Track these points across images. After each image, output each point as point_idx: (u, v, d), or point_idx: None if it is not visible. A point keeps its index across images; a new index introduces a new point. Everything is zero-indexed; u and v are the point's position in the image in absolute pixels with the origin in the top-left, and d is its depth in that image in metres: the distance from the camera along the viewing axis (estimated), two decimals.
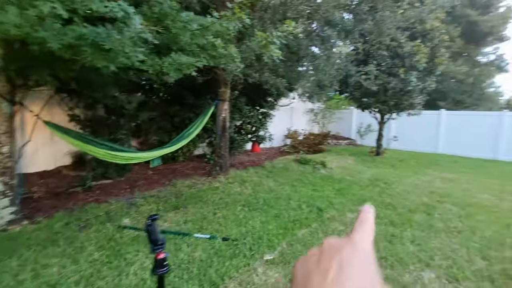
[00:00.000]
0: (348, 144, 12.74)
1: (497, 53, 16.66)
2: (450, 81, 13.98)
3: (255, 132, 8.59)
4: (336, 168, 6.96)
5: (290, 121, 11.99)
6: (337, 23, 4.58)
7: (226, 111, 5.32)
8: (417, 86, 7.42)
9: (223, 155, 5.54)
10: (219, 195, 4.48)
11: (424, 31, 7.28)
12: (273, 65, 4.67)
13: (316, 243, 2.85)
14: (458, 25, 14.38)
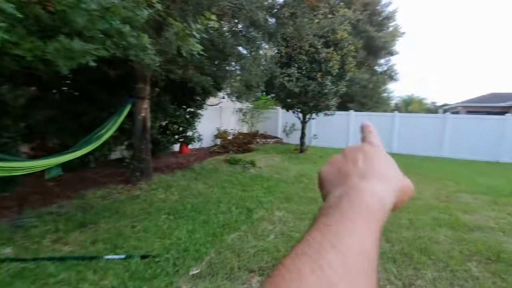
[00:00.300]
0: (275, 142, 13.39)
1: (389, 64, 20.29)
2: (356, 86, 16.25)
3: (182, 133, 8.10)
4: (264, 167, 7.16)
5: (219, 120, 11.83)
6: (261, 24, 4.65)
7: (146, 110, 4.79)
8: (332, 90, 8.30)
9: (145, 158, 4.98)
10: (140, 205, 3.99)
11: (336, 40, 8.19)
12: (198, 62, 4.42)
13: (245, 247, 2.78)
14: (361, 39, 16.86)
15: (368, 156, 0.34)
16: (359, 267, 0.24)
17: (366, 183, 0.30)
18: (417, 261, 2.62)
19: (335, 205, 0.28)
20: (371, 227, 0.26)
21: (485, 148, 10.45)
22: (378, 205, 0.28)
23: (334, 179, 0.33)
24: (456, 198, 4.90)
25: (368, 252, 0.25)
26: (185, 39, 2.30)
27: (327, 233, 0.25)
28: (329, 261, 0.23)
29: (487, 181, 6.40)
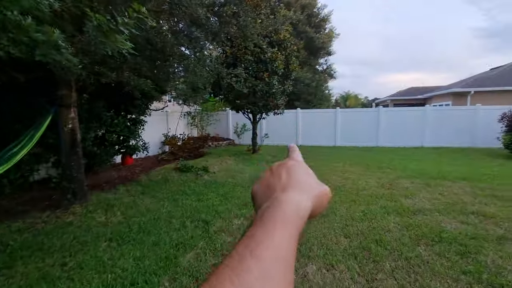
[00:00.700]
0: (227, 144, 13.14)
1: (328, 64, 21.76)
2: (301, 85, 16.99)
3: (124, 142, 7.27)
4: (218, 172, 6.87)
5: (166, 126, 11.07)
6: (203, 23, 4.37)
7: (74, 120, 4.08)
8: (279, 89, 8.42)
9: (76, 177, 4.25)
10: (73, 234, 3.35)
11: (279, 41, 8.32)
12: (134, 63, 3.92)
13: (204, 268, 2.51)
14: (301, 39, 17.68)
15: (290, 171, 0.39)
16: (276, 269, 0.26)
17: (286, 194, 0.34)
18: (375, 254, 2.70)
19: (260, 216, 0.31)
20: (288, 232, 0.29)
21: (413, 135, 11.91)
22: (294, 212, 0.32)
23: (263, 194, 0.36)
24: (396, 184, 5.37)
25: (285, 255, 0.27)
26: (110, 35, 1.90)
27: (249, 243, 0.27)
28: (247, 268, 0.25)
29: (417, 166, 7.23)
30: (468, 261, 2.57)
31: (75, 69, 2.36)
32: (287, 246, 0.28)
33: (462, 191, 4.87)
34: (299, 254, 2.71)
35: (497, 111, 10.59)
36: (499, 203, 4.17)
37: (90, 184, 5.76)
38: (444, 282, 2.28)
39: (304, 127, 13.05)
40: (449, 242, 2.93)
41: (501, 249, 2.79)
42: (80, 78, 3.37)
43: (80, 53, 2.87)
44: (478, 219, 3.59)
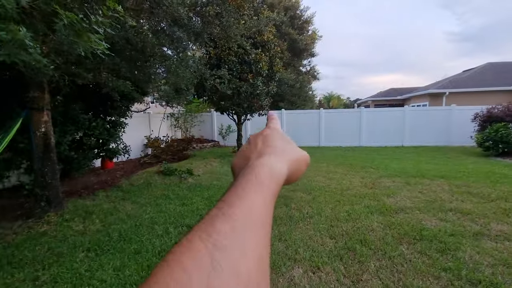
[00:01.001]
0: (212, 146, 12.98)
1: (311, 65, 22.06)
2: (285, 86, 17.10)
3: (103, 146, 6.98)
4: (203, 174, 6.76)
5: (149, 128, 10.78)
6: (185, 23, 4.27)
7: (48, 123, 3.85)
8: (264, 90, 8.42)
9: (51, 183, 4.02)
10: (47, 245, 3.15)
11: (263, 42, 8.33)
12: (113, 63, 3.76)
13: None
14: (285, 41, 17.81)
15: (266, 138, 0.39)
16: (249, 228, 0.25)
17: (260, 159, 0.34)
18: (360, 254, 2.72)
19: (233, 183, 0.31)
20: (262, 195, 0.29)
21: (393, 135, 12.30)
22: (268, 174, 0.31)
23: (241, 165, 0.36)
24: (379, 183, 5.49)
25: (258, 215, 0.27)
26: (82, 34, 1.78)
27: (222, 206, 0.27)
28: (218, 228, 0.24)
29: (398, 165, 7.45)
30: (448, 258, 2.65)
31: (47, 70, 2.21)
32: (260, 208, 0.28)
33: (440, 188, 5.05)
34: (285, 258, 2.69)
35: (470, 111, 11.15)
36: (475, 200, 4.36)
37: (67, 190, 5.49)
38: (426, 280, 2.33)
39: (288, 128, 13.13)
40: (430, 239, 3.01)
41: (478, 245, 2.90)
42: (53, 79, 3.18)
43: (53, 53, 2.70)
44: (456, 216, 3.73)
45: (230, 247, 0.23)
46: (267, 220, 0.28)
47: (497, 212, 3.80)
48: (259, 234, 0.26)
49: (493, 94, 14.47)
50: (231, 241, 0.24)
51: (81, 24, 1.73)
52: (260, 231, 0.26)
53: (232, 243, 0.24)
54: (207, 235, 0.24)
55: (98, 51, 1.98)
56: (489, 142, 8.90)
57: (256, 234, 0.26)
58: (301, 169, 0.38)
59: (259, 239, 0.26)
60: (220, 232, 0.24)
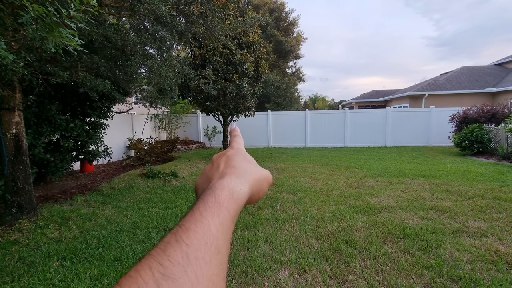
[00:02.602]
0: (198, 147, 12.79)
1: (297, 67, 22.28)
2: (271, 87, 17.16)
3: (82, 148, 6.69)
4: (188, 177, 6.62)
5: (131, 129, 10.47)
6: (168, 22, 4.15)
7: (19, 124, 3.62)
8: (249, 91, 8.38)
9: (23, 188, 3.78)
10: (18, 254, 2.95)
11: (248, 43, 8.29)
12: (91, 62, 3.59)
13: None
14: (270, 42, 17.89)
15: (229, 159, 0.40)
16: (203, 255, 0.25)
17: (221, 180, 0.34)
18: (345, 254, 2.73)
19: (192, 206, 0.30)
20: (219, 217, 0.29)
21: (376, 135, 12.61)
22: (228, 195, 0.32)
23: (203, 185, 0.37)
24: (363, 183, 5.58)
25: (214, 240, 0.27)
26: (52, 28, 1.66)
27: (177, 230, 0.27)
28: (169, 255, 0.24)
29: (381, 165, 7.63)
30: (430, 256, 2.71)
31: (16, 67, 2.06)
32: (217, 232, 0.28)
33: (421, 187, 5.20)
34: (271, 260, 2.64)
35: (447, 112, 11.62)
36: (453, 198, 4.51)
37: (42, 195, 5.20)
38: (410, 278, 2.37)
39: (275, 129, 13.16)
40: (412, 238, 3.07)
41: (458, 242, 2.99)
42: (25, 77, 2.99)
43: (24, 50, 2.53)
44: (436, 214, 3.84)
45: (180, 276, 0.22)
46: (224, 245, 0.28)
47: (474, 210, 3.95)
48: (213, 261, 0.26)
49: (468, 96, 15.18)
50: (182, 270, 0.23)
51: (51, 18, 1.61)
52: (214, 258, 0.26)
53: (182, 272, 0.23)
54: (157, 263, 0.23)
55: (70, 47, 1.85)
56: (465, 142, 9.30)
57: (209, 261, 0.25)
58: (263, 189, 0.39)
59: (213, 266, 0.25)
60: (171, 260, 0.23)
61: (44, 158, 5.29)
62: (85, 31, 2.39)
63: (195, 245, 0.25)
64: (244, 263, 2.59)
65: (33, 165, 5.03)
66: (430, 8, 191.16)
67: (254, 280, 2.33)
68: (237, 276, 2.40)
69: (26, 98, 3.86)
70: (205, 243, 0.26)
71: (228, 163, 0.38)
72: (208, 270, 0.24)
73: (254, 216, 3.79)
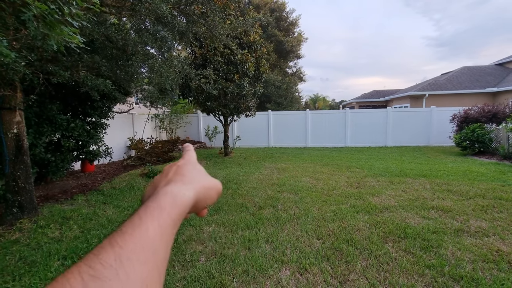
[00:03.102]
0: (199, 147, 12.80)
1: (297, 67, 22.28)
2: (272, 87, 17.16)
3: (83, 148, 6.69)
4: None
5: (132, 129, 10.47)
6: (169, 21, 4.15)
7: (20, 124, 3.63)
8: (250, 91, 8.38)
9: (24, 188, 3.78)
10: (19, 253, 2.95)
11: (249, 43, 8.29)
12: (92, 61, 3.60)
13: (172, 282, 2.33)
14: (271, 42, 17.89)
15: (179, 168, 0.40)
16: (137, 257, 0.25)
17: (165, 187, 0.35)
18: (346, 254, 2.72)
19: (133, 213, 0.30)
20: (159, 219, 0.29)
21: (377, 135, 12.59)
22: (171, 200, 0.32)
23: (149, 193, 0.36)
24: (364, 183, 5.57)
25: (151, 242, 0.27)
26: (54, 26, 1.66)
27: (113, 235, 0.27)
28: (101, 258, 0.24)
29: (382, 165, 7.62)
30: (431, 255, 2.70)
31: (17, 66, 2.06)
32: (155, 235, 0.28)
33: (422, 187, 5.19)
34: (272, 260, 2.64)
35: (448, 112, 11.60)
36: (455, 198, 4.50)
37: (42, 195, 5.21)
38: (411, 277, 2.36)
39: (275, 129, 13.16)
40: (414, 237, 3.07)
41: (459, 241, 2.98)
42: (26, 77, 2.99)
43: (25, 49, 2.54)
44: (437, 213, 3.83)
45: (110, 278, 0.23)
46: (162, 247, 0.28)
47: (475, 209, 3.94)
48: (148, 261, 0.26)
49: (469, 96, 15.16)
50: (113, 271, 0.23)
51: (53, 15, 1.61)
52: (150, 259, 0.26)
53: (113, 274, 0.23)
54: (88, 267, 0.23)
55: (72, 44, 1.85)
56: (466, 142, 9.28)
57: (144, 262, 0.25)
58: (211, 197, 0.40)
59: (148, 266, 0.26)
60: (103, 263, 0.23)
61: (45, 158, 5.29)
62: (86, 30, 2.38)
63: (130, 248, 0.25)
64: (245, 262, 2.58)
65: (34, 165, 5.03)
66: (430, 8, 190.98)
67: (256, 280, 2.33)
68: (238, 276, 2.39)
69: (27, 98, 3.87)
70: (141, 246, 0.26)
71: (177, 172, 0.39)
72: (142, 270, 0.25)
73: (255, 216, 3.79)
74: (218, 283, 2.29)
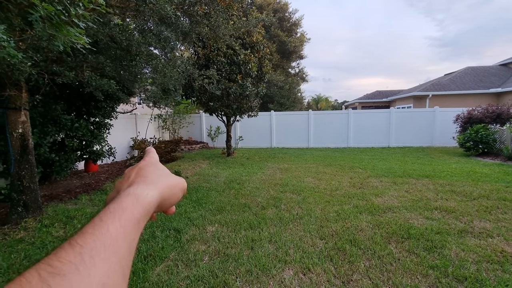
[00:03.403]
0: (201, 148, 12.83)
1: (300, 67, 22.26)
2: (274, 87, 17.16)
3: (86, 148, 6.74)
4: (191, 176, 6.64)
5: (135, 129, 10.53)
6: (173, 22, 4.18)
7: (25, 124, 3.66)
8: (253, 91, 8.39)
9: (28, 187, 3.82)
10: (24, 252, 2.98)
11: (252, 43, 8.31)
12: (96, 62, 3.62)
13: (176, 281, 2.34)
14: (274, 43, 17.90)
15: (140, 169, 0.40)
16: (98, 254, 0.25)
17: (128, 189, 0.35)
18: (350, 254, 2.72)
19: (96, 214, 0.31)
20: (121, 220, 0.30)
21: (380, 136, 12.55)
22: (133, 200, 0.33)
23: (113, 196, 0.36)
24: (367, 183, 5.56)
25: (112, 241, 0.27)
26: (60, 27, 1.67)
27: (73, 237, 0.27)
28: (60, 257, 0.24)
29: (385, 165, 7.59)
30: (435, 256, 2.69)
31: (23, 66, 2.08)
32: (116, 234, 0.28)
33: (425, 188, 5.16)
34: (275, 259, 2.64)
35: (452, 112, 11.53)
36: (458, 198, 4.47)
37: (47, 194, 5.25)
38: (415, 278, 2.35)
39: (278, 129, 13.15)
40: (417, 238, 3.05)
41: (463, 242, 2.96)
42: (31, 77, 3.02)
43: (31, 50, 2.57)
44: (441, 214, 3.81)
45: (70, 272, 0.23)
46: (125, 246, 0.28)
47: (479, 210, 3.91)
48: (111, 259, 0.26)
49: (473, 96, 15.05)
50: (73, 267, 0.23)
51: (59, 16, 1.63)
52: (112, 257, 0.26)
53: (73, 269, 0.23)
54: (47, 265, 0.23)
55: (78, 45, 1.87)
56: (470, 142, 9.22)
57: (106, 259, 0.26)
58: (176, 195, 0.40)
59: (110, 264, 0.26)
60: (62, 260, 0.24)
61: (49, 158, 5.34)
62: (91, 31, 2.40)
63: (91, 246, 0.26)
64: (248, 262, 2.59)
65: (39, 165, 5.08)
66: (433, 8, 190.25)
67: (259, 279, 2.33)
68: (241, 275, 2.40)
69: (32, 98, 3.91)
70: (102, 244, 0.26)
71: (138, 173, 0.39)
72: (103, 267, 0.25)
73: (258, 216, 3.79)
74: (222, 282, 2.30)
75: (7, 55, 1.67)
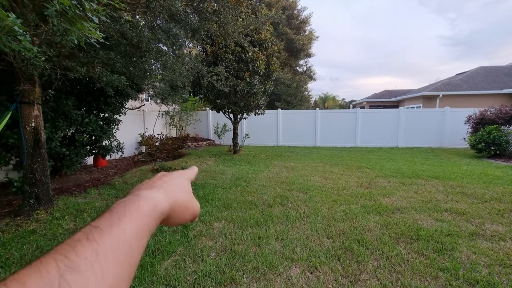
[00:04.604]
0: (208, 145, 12.88)
1: (308, 65, 22.10)
2: (282, 85, 17.08)
3: (96, 143, 6.85)
4: (198, 173, 6.67)
5: (143, 126, 10.64)
6: (182, 19, 4.19)
7: (38, 118, 3.73)
8: (260, 89, 8.37)
9: (40, 180, 3.90)
10: (36, 243, 3.05)
11: (260, 41, 8.28)
12: (107, 58, 3.66)
13: (183, 276, 2.36)
14: (282, 40, 17.80)
15: (167, 177, 0.41)
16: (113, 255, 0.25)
17: (146, 191, 0.35)
18: (357, 254, 2.69)
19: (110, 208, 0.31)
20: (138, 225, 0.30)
21: (388, 136, 12.38)
22: (152, 207, 0.33)
23: (145, 187, 0.37)
24: (375, 183, 5.50)
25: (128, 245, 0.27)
26: (75, 21, 1.70)
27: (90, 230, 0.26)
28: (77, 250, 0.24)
29: (393, 165, 7.49)
30: (445, 258, 2.64)
31: (37, 61, 2.12)
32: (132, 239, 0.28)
33: (435, 189, 5.08)
34: (282, 257, 2.64)
35: (463, 113, 11.29)
36: (469, 200, 4.38)
37: (58, 188, 5.36)
38: (424, 280, 2.32)
39: (285, 128, 13.11)
40: (426, 239, 3.01)
41: (474, 245, 2.90)
42: (44, 72, 3.07)
43: (45, 44, 2.61)
44: (451, 216, 3.74)
45: (86, 270, 0.23)
46: (136, 252, 0.28)
47: (491, 213, 3.83)
48: (123, 263, 0.26)
49: (485, 97, 14.70)
50: (89, 264, 0.23)
51: (74, 11, 1.65)
52: (124, 260, 0.26)
53: (89, 266, 0.23)
54: (64, 256, 0.23)
55: (92, 39, 1.89)
56: (482, 144, 9.02)
57: (119, 263, 0.26)
58: (185, 216, 0.39)
59: (122, 267, 0.26)
60: (79, 255, 0.23)
61: (60, 152, 5.44)
62: (102, 27, 2.43)
63: (107, 245, 0.25)
64: (255, 259, 2.59)
65: (49, 159, 5.18)
66: (445, 7, 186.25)
67: (266, 276, 2.33)
68: (248, 272, 2.40)
69: (45, 93, 3.98)
70: (118, 246, 0.26)
71: (163, 180, 0.39)
72: (116, 270, 0.25)
73: (265, 213, 3.79)
74: (229, 278, 2.31)
75: (23, 48, 1.70)
